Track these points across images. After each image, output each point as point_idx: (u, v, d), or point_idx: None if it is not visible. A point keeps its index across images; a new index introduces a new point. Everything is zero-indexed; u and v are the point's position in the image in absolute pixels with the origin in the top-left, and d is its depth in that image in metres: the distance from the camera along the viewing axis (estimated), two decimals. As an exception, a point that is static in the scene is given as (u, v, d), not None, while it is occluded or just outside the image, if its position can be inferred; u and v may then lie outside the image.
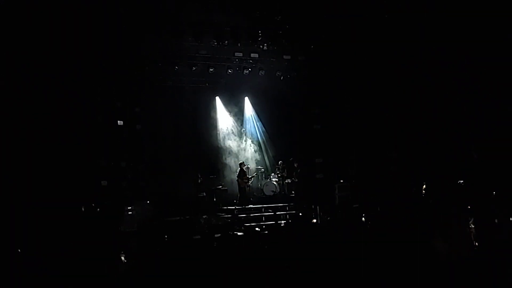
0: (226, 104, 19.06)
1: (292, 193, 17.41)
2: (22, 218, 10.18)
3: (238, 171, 16.81)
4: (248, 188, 17.01)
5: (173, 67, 16.56)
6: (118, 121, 15.03)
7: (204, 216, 14.56)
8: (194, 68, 16.86)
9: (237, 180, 16.73)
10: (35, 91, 11.85)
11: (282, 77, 18.36)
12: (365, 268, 5.26)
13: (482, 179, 12.96)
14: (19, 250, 6.05)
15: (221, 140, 18.71)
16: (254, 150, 19.23)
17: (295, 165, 17.50)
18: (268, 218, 14.97)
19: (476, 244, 5.56)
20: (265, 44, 16.62)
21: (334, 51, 17.02)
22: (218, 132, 18.65)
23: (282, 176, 17.44)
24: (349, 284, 5.04)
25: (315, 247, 5.89)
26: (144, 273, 4.62)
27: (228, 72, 17.41)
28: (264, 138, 19.42)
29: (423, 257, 5.38)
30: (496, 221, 7.95)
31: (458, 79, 14.48)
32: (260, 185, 17.47)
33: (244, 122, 19.48)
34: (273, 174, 17.56)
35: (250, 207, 15.97)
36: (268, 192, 17.16)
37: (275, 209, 15.66)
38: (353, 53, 16.94)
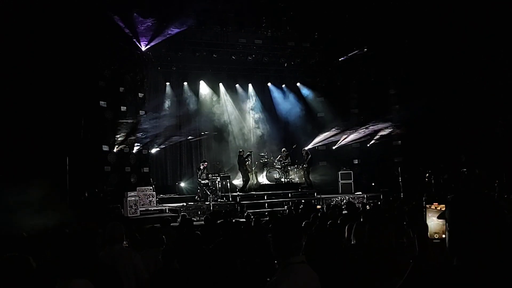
0: (229, 90, 18.97)
1: (296, 181, 17.39)
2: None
3: (238, 159, 16.62)
4: (250, 176, 16.98)
5: (177, 53, 16.47)
6: (122, 107, 14.98)
7: (207, 203, 14.61)
8: (197, 54, 16.76)
9: (239, 169, 16.65)
10: (38, 75, 11.79)
11: (286, 64, 18.25)
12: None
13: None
14: (24, 234, 6.07)
15: (225, 127, 18.67)
16: (258, 136, 19.17)
17: (304, 152, 17.38)
18: (271, 205, 14.99)
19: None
20: (269, 31, 16.48)
21: (339, 39, 16.90)
22: (221, 118, 18.59)
23: (285, 163, 17.38)
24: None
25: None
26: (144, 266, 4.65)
27: (231, 59, 17.30)
28: (267, 124, 19.33)
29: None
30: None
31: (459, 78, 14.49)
32: (263, 172, 17.44)
33: (248, 108, 19.42)
34: (276, 161, 17.51)
35: (252, 194, 15.98)
36: (271, 179, 17.17)
37: (278, 196, 15.68)
38: (358, 41, 16.85)
